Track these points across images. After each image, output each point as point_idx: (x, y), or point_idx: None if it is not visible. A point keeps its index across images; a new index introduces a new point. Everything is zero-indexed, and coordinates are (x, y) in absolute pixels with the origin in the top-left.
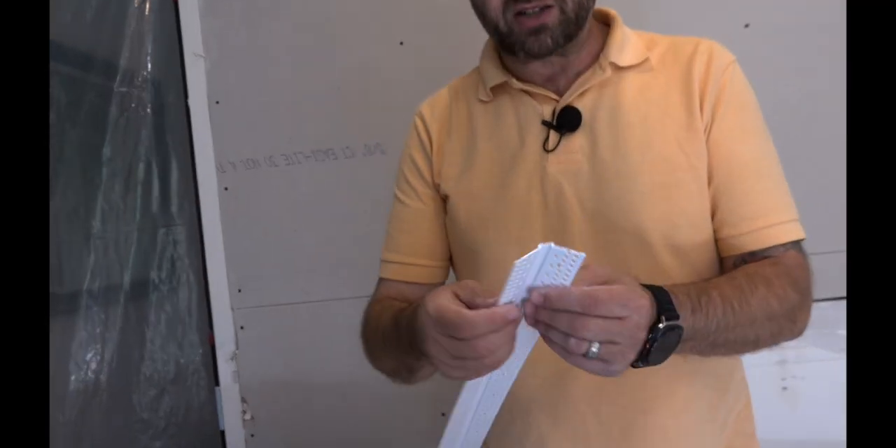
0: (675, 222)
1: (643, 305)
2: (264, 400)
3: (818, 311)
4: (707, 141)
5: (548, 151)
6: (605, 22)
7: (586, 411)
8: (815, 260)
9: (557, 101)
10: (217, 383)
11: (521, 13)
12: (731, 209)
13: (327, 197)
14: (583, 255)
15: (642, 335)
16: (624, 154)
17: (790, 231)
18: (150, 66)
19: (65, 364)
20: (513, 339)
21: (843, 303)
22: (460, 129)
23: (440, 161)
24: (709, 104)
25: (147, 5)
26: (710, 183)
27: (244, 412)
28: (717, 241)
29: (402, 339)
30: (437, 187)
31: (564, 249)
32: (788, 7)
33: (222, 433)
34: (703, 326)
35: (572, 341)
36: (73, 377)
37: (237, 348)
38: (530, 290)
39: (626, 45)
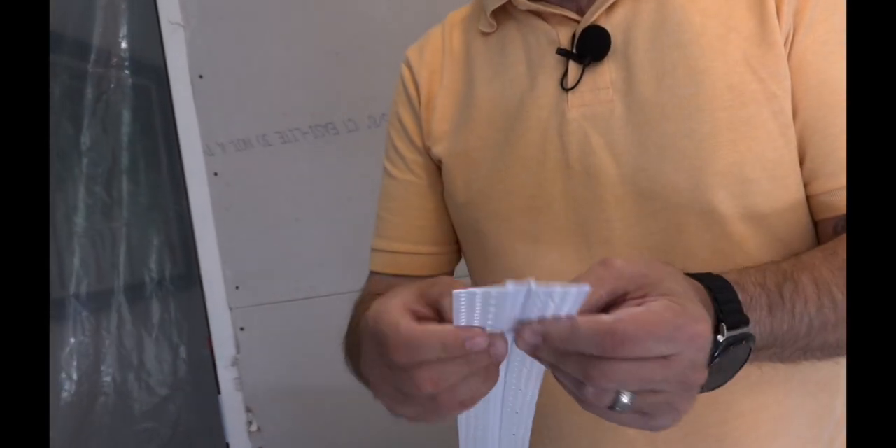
0: (750, 176)
1: (699, 333)
2: (271, 409)
3: None
4: (789, 59)
5: (567, 90)
6: None
7: (637, 438)
8: None
9: (579, 22)
10: (218, 392)
11: None
12: (827, 154)
13: (330, 178)
14: (586, 288)
15: (701, 376)
16: (672, 86)
17: None
18: (126, 42)
19: (55, 375)
20: (484, 374)
21: None
22: (455, 73)
23: (430, 117)
24: (789, 8)
25: None
26: (795, 117)
27: (250, 423)
28: (808, 198)
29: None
30: (427, 151)
31: (556, 288)
32: None
33: (227, 446)
34: (787, 329)
35: (590, 391)
36: (64, 390)
37: (238, 352)
38: (519, 321)
39: None
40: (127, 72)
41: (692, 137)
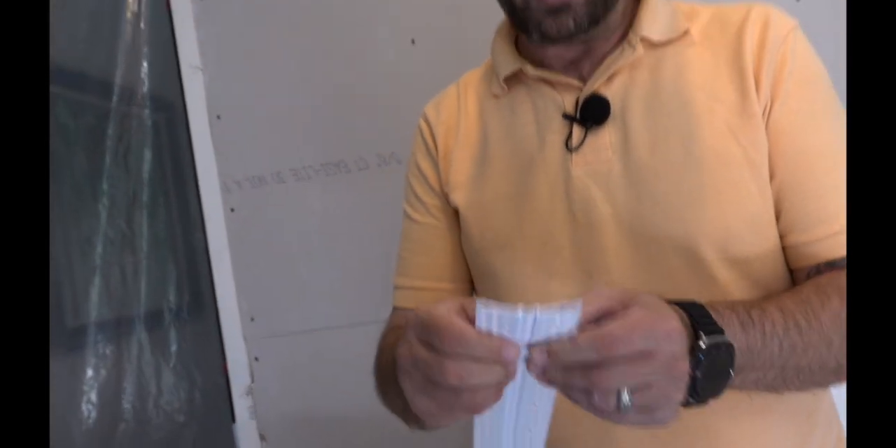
0: (732, 230)
1: (673, 328)
2: (285, 437)
3: None
4: (767, 127)
5: (571, 150)
6: None
7: None
8: None
9: (581, 89)
10: (233, 420)
11: None
12: (802, 210)
13: (342, 214)
14: (579, 305)
15: (683, 365)
16: (664, 149)
17: None
18: (147, 82)
19: (77, 402)
20: (496, 385)
21: None
22: (470, 131)
23: (447, 168)
24: (766, 82)
25: (141, 17)
26: (772, 178)
27: None
28: (784, 249)
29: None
30: (446, 198)
31: (556, 314)
32: None
33: None
34: (761, 346)
35: (597, 397)
36: (87, 416)
37: (252, 382)
38: (529, 347)
39: (660, 15)
40: (147, 111)
41: (682, 195)
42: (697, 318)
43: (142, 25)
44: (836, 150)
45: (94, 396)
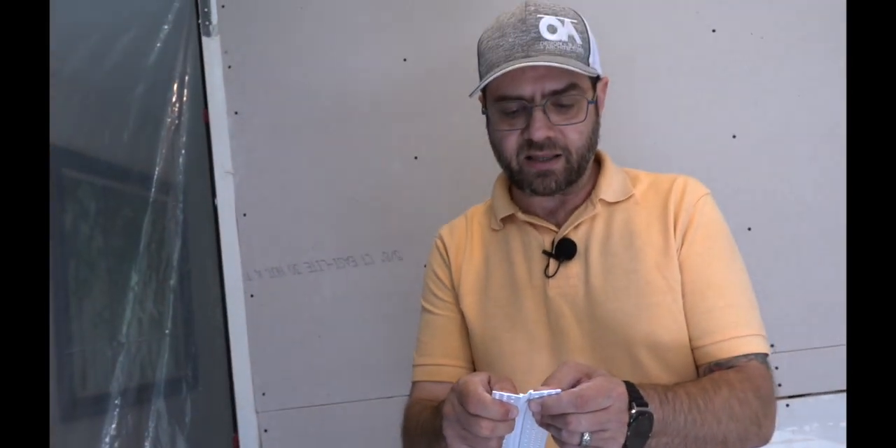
0: (658, 337)
1: (622, 392)
2: None
3: (820, 404)
4: (680, 263)
5: (549, 277)
6: (597, 159)
7: None
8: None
9: (556, 232)
10: None
11: (531, 157)
12: (698, 324)
13: (348, 301)
14: (558, 390)
15: (626, 418)
16: (612, 279)
17: (752, 344)
18: (181, 177)
19: None
20: (503, 434)
21: (843, 395)
22: (475, 253)
23: (458, 279)
24: (680, 231)
25: (181, 126)
26: (683, 299)
27: None
28: (692, 349)
29: (436, 422)
30: (456, 299)
31: (544, 392)
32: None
33: None
34: (672, 419)
35: (564, 434)
36: None
37: None
38: (529, 401)
39: (614, 182)
40: (180, 204)
41: (623, 313)
42: (631, 392)
43: (182, 136)
44: (729, 281)
45: None
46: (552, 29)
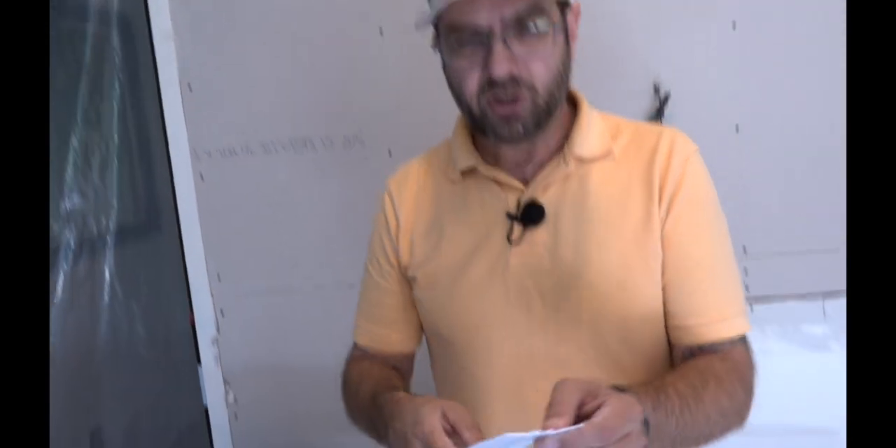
0: (629, 321)
1: (639, 411)
2: (247, 383)
3: (785, 308)
4: (662, 239)
5: (511, 243)
6: (573, 102)
7: None
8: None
9: (522, 192)
10: (199, 362)
11: (494, 99)
12: (681, 302)
13: (306, 188)
14: (552, 431)
15: (644, 439)
16: (584, 252)
17: (737, 326)
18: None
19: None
20: None
21: (807, 300)
22: (427, 210)
23: (408, 245)
24: (665, 200)
25: None
26: (662, 275)
27: (227, 393)
28: (667, 328)
29: (378, 422)
30: (404, 270)
31: (550, 432)
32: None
33: (206, 410)
34: (664, 423)
35: None
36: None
37: (218, 333)
38: (537, 439)
39: (591, 134)
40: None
41: (594, 292)
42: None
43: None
44: (716, 257)
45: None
46: None
